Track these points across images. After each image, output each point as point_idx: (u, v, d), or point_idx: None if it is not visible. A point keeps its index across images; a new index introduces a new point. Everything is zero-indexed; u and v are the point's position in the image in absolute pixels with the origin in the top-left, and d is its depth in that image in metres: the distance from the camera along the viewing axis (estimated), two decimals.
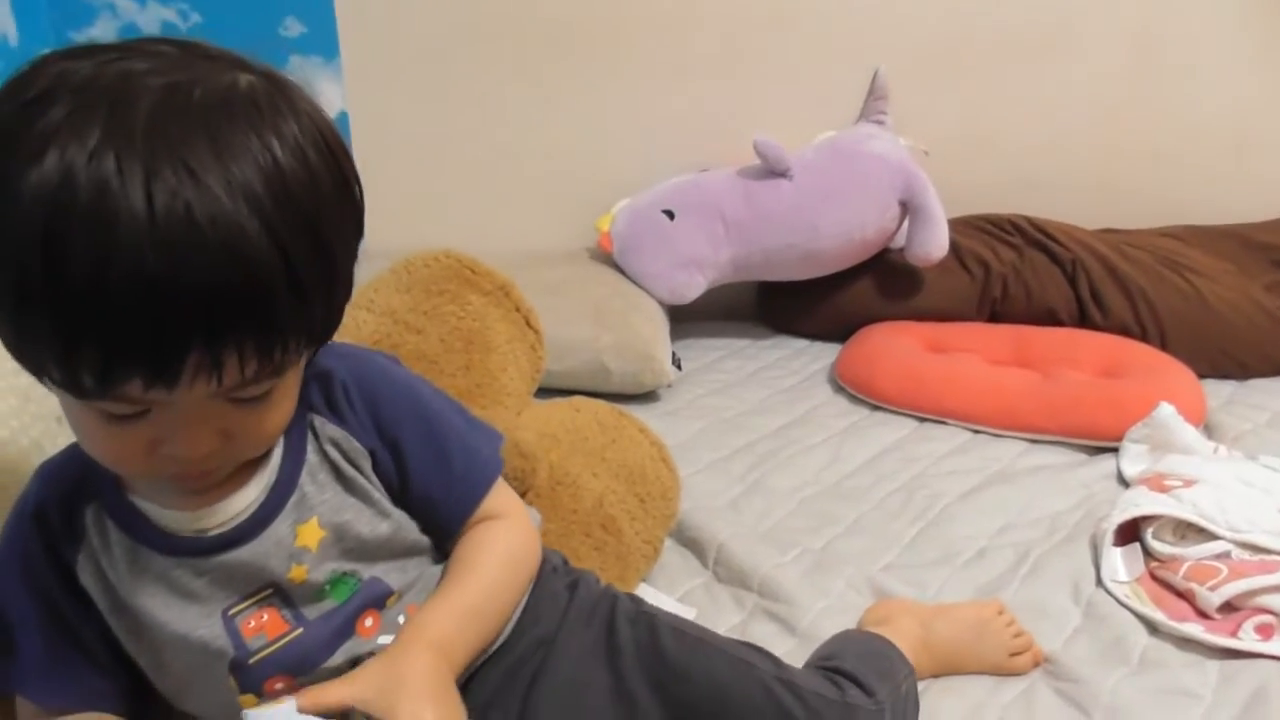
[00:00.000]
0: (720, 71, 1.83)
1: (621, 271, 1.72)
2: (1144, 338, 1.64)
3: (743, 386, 1.63)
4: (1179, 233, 1.84)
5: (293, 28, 1.70)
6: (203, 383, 0.52)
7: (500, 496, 0.76)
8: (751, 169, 1.72)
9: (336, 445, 0.69)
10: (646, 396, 1.58)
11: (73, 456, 0.66)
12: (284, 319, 0.53)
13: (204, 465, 0.60)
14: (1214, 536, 1.11)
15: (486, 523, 0.74)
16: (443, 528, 0.73)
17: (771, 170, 1.69)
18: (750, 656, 0.79)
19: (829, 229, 1.68)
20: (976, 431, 1.47)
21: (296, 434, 0.67)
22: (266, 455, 0.66)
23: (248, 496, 0.65)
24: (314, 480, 0.67)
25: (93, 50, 0.53)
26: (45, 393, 0.80)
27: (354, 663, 0.67)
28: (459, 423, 0.75)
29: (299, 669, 0.66)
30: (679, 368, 1.62)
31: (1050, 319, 1.71)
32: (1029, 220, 1.79)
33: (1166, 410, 1.34)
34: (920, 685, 0.92)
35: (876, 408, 1.54)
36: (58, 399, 0.57)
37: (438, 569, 0.73)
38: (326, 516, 0.67)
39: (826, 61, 1.84)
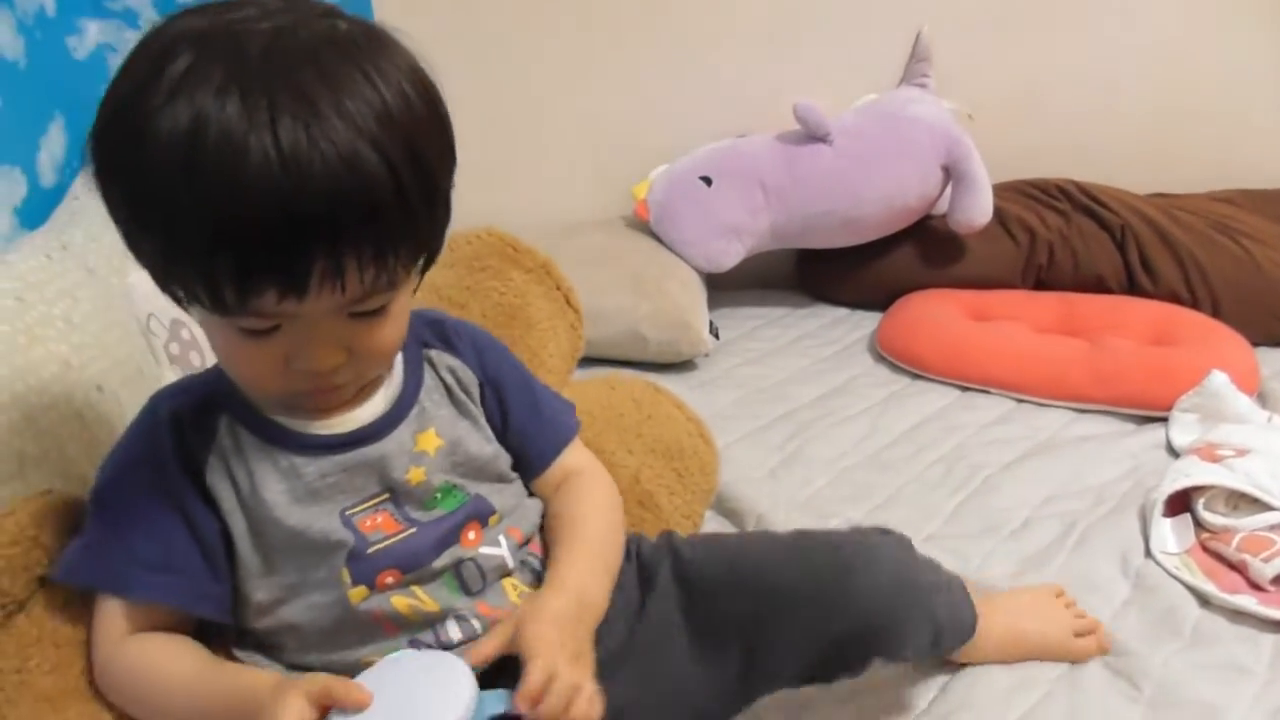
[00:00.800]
0: (759, 36, 1.79)
1: (659, 239, 1.70)
2: (1195, 305, 1.60)
3: (781, 355, 1.61)
4: (1232, 196, 1.79)
5: None
6: (328, 292, 0.59)
7: (581, 452, 0.85)
8: (791, 134, 1.69)
9: (452, 372, 0.78)
10: (684, 365, 1.56)
11: (199, 379, 0.74)
12: (394, 228, 0.60)
13: (331, 381, 0.66)
14: (1268, 507, 1.09)
15: (577, 477, 0.83)
16: (533, 464, 0.81)
17: (811, 135, 1.66)
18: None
19: (870, 195, 1.65)
20: (1021, 401, 1.45)
21: (414, 361, 0.76)
22: (387, 376, 0.74)
23: (374, 409, 0.73)
24: (431, 399, 0.76)
25: (205, 7, 0.60)
26: (85, 360, 0.82)
27: (456, 565, 0.73)
28: (541, 384, 0.86)
29: (408, 565, 0.71)
30: (716, 336, 1.61)
31: (1098, 286, 1.67)
32: (1077, 185, 1.75)
33: (1219, 379, 1.31)
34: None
35: (918, 377, 1.52)
36: (202, 331, 0.66)
37: (535, 502, 0.81)
38: (443, 429, 0.75)
39: (868, 23, 1.80)
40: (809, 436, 1.35)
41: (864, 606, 0.78)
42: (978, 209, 1.64)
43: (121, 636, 0.68)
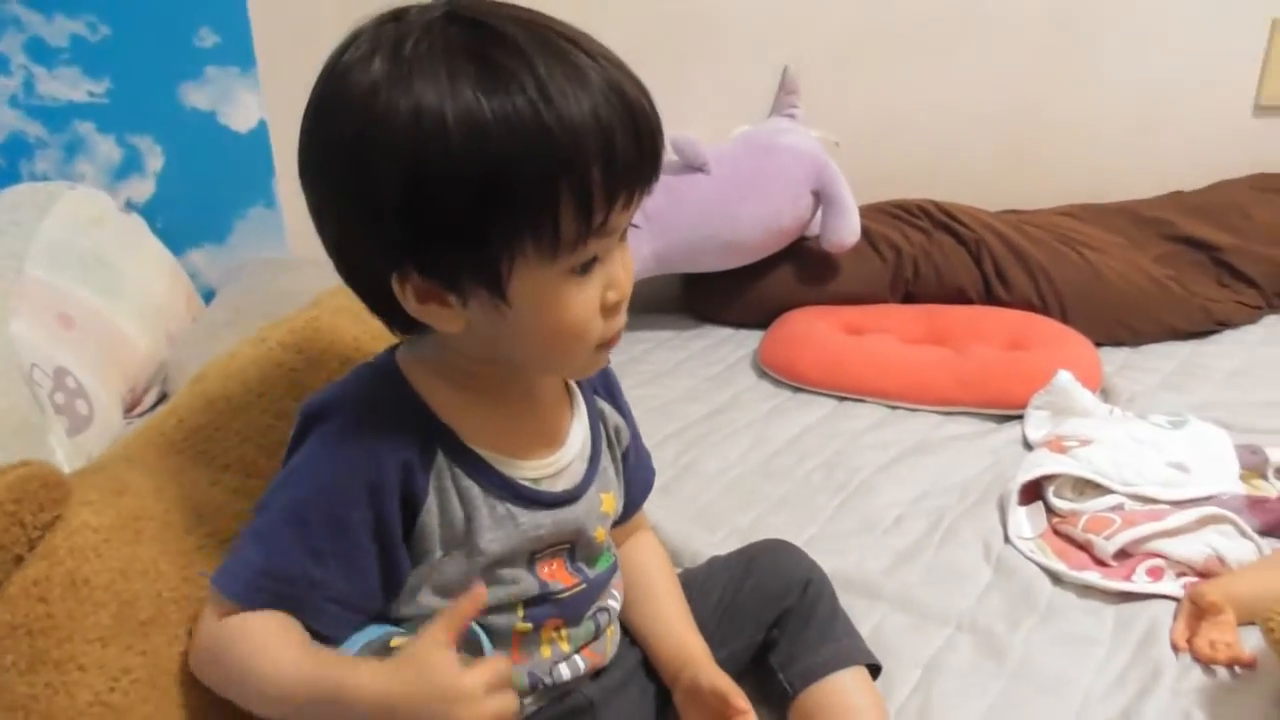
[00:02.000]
0: (636, 72, 1.87)
1: None
2: (1045, 311, 1.74)
3: (670, 376, 1.68)
4: (1075, 211, 1.94)
5: (207, 38, 1.70)
6: (637, 201, 0.66)
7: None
8: (670, 165, 1.77)
9: (617, 430, 0.84)
10: None
11: (395, 405, 0.71)
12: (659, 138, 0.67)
13: (622, 320, 0.70)
14: (1108, 491, 1.20)
15: (649, 534, 0.93)
16: (623, 513, 0.86)
17: (689, 165, 1.75)
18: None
19: (747, 220, 1.74)
20: (894, 407, 1.54)
21: (593, 410, 0.81)
22: (571, 418, 0.79)
23: (569, 454, 0.77)
24: (605, 458, 0.81)
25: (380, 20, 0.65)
26: None
27: (595, 615, 0.79)
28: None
29: (572, 618, 0.77)
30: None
31: (959, 297, 1.79)
32: (936, 204, 1.87)
33: (1064, 377, 1.43)
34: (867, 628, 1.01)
35: (798, 389, 1.61)
36: (518, 305, 0.66)
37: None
38: (616, 493, 0.81)
39: (739, 59, 1.90)
40: (698, 452, 1.41)
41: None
42: (847, 229, 1.74)
43: (229, 613, 0.67)
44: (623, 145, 0.63)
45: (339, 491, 0.67)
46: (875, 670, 0.92)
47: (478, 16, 0.63)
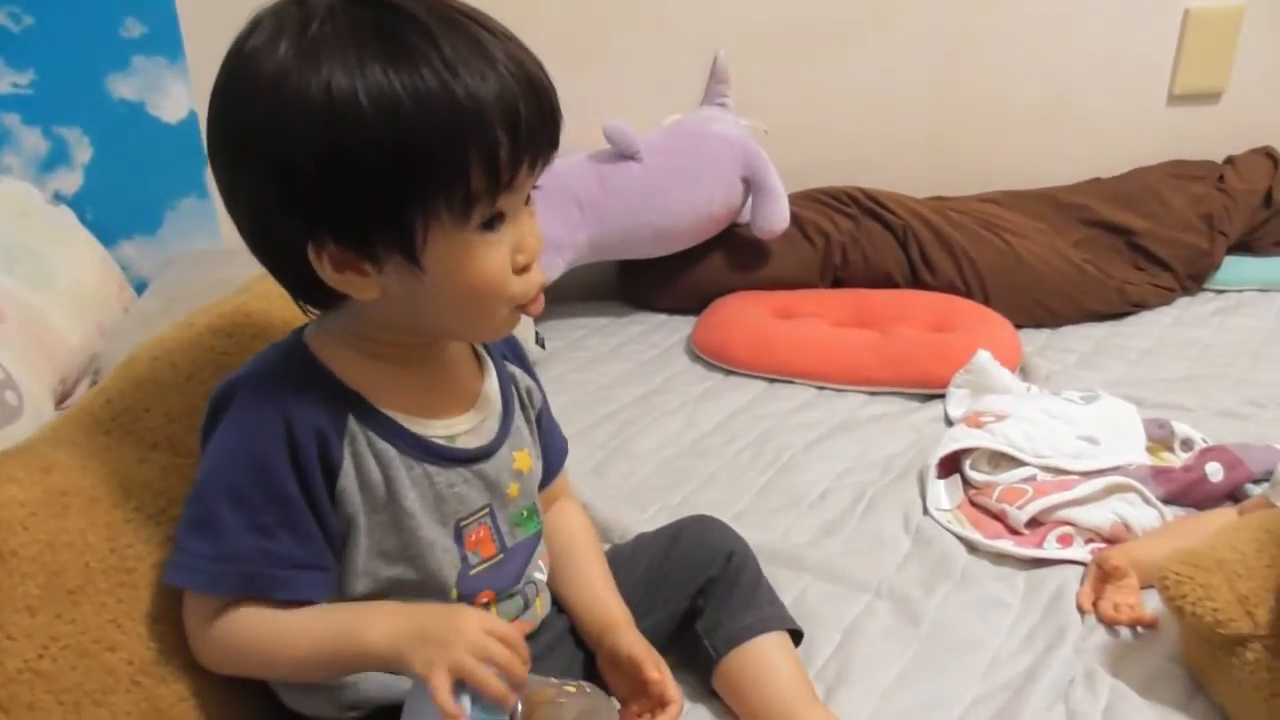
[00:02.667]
0: (568, 62, 1.86)
1: None
2: (969, 294, 1.79)
3: (605, 361, 1.71)
4: (997, 197, 2.00)
5: (133, 29, 1.69)
6: (541, 165, 0.70)
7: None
8: (602, 153, 1.79)
9: (529, 392, 0.87)
10: None
11: (298, 378, 0.73)
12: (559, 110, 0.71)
13: (537, 277, 0.73)
14: (1022, 463, 1.25)
15: (572, 502, 0.97)
16: (542, 480, 0.89)
17: (621, 153, 1.77)
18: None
19: (679, 207, 1.77)
20: (821, 388, 1.59)
21: (504, 375, 0.84)
22: (482, 381, 0.82)
23: (480, 414, 0.80)
24: (518, 418, 0.84)
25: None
26: None
27: (524, 587, 0.83)
28: None
29: (501, 588, 0.81)
30: (543, 347, 1.69)
31: (886, 281, 1.84)
32: (863, 191, 1.92)
33: (984, 356, 1.48)
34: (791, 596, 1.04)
35: (730, 372, 1.64)
36: (434, 268, 0.68)
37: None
38: (531, 451, 0.84)
39: (670, 48, 1.92)
40: (631, 433, 1.45)
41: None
42: (776, 216, 1.78)
43: (225, 607, 0.71)
44: (526, 114, 0.66)
45: (267, 463, 0.70)
46: (798, 636, 0.96)
47: None
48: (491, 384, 0.83)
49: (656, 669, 0.82)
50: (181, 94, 1.73)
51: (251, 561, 0.70)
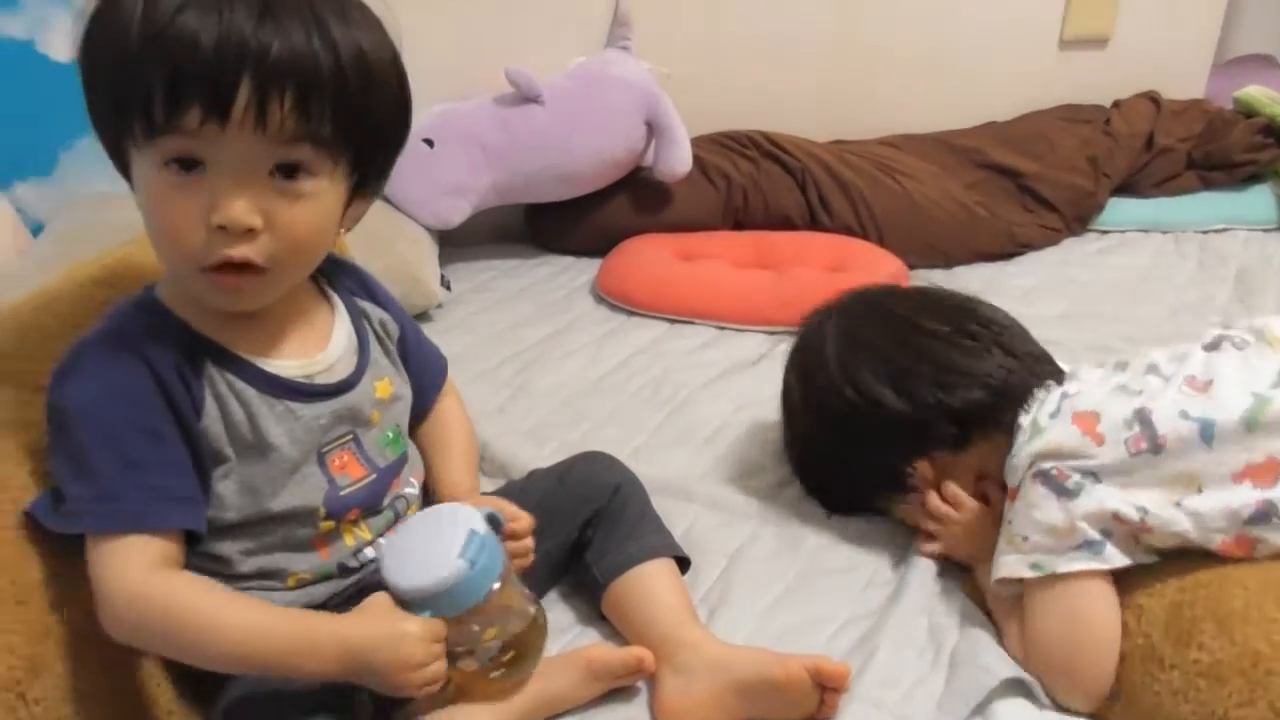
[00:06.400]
0: (472, 5, 1.88)
1: (388, 200, 1.77)
2: (864, 236, 1.85)
3: (512, 303, 1.73)
4: (895, 141, 2.06)
5: None
6: (249, 122, 0.67)
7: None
8: (506, 97, 1.80)
9: (383, 325, 0.90)
10: (420, 317, 1.65)
11: (150, 325, 0.76)
12: (322, 80, 0.69)
13: (245, 253, 0.71)
14: None
15: (450, 399, 1.02)
16: (419, 402, 0.95)
17: (524, 97, 1.78)
18: None
19: (581, 151, 1.79)
20: (721, 328, 1.63)
21: (354, 311, 0.87)
22: (333, 321, 0.85)
23: (334, 352, 0.83)
24: (375, 350, 0.87)
25: None
26: None
27: (393, 503, 0.87)
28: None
29: (368, 506, 0.85)
30: (449, 289, 1.71)
31: (786, 224, 1.89)
32: (764, 135, 1.95)
33: None
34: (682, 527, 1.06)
35: (633, 313, 1.68)
36: (136, 197, 0.72)
37: (415, 451, 0.94)
38: (391, 379, 0.88)
39: None
40: (534, 372, 1.48)
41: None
42: (678, 159, 1.81)
43: (142, 573, 0.71)
44: (191, 60, 0.66)
45: (134, 399, 0.72)
46: (686, 564, 1.02)
47: None
48: (343, 322, 0.87)
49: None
50: (70, 31, 1.68)
51: (130, 499, 0.72)
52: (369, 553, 0.85)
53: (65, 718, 0.71)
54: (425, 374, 0.97)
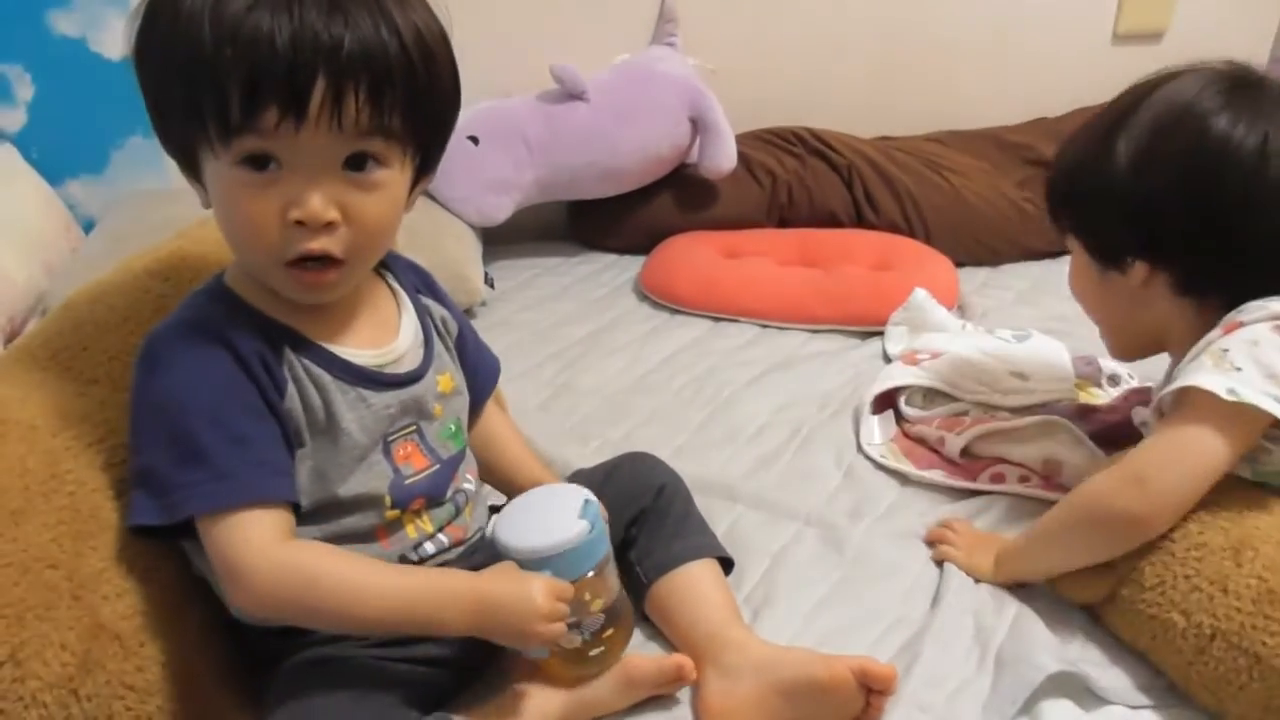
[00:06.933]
0: (519, 2, 1.89)
1: (433, 198, 1.78)
2: (911, 233, 1.83)
3: (554, 301, 1.73)
4: (942, 137, 2.03)
5: None
6: (325, 120, 0.68)
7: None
8: (551, 93, 1.80)
9: (444, 322, 0.92)
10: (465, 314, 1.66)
11: (228, 316, 0.77)
12: (394, 73, 0.70)
13: (325, 246, 0.72)
14: (954, 399, 1.30)
15: (494, 405, 1.02)
16: (471, 402, 0.94)
17: (569, 94, 1.78)
18: None
19: (626, 147, 1.79)
20: (765, 326, 1.62)
21: (419, 308, 0.89)
22: (401, 316, 0.86)
23: (403, 343, 0.85)
24: (437, 345, 0.88)
25: None
26: None
27: (454, 496, 0.88)
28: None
29: (432, 496, 0.85)
30: (492, 286, 1.71)
31: (831, 221, 1.87)
32: (809, 131, 1.94)
33: (920, 294, 1.52)
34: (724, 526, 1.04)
35: (676, 311, 1.67)
36: (210, 195, 0.73)
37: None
38: (453, 374, 0.89)
39: None
40: (576, 371, 1.48)
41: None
42: (723, 156, 1.80)
43: (277, 544, 0.73)
44: (265, 60, 0.66)
45: (229, 382, 0.73)
46: (729, 564, 1.01)
47: None
48: (410, 316, 0.88)
49: None
50: (123, 30, 1.71)
51: (244, 473, 0.73)
52: (429, 547, 0.85)
53: (115, 714, 0.71)
54: (479, 375, 0.97)
